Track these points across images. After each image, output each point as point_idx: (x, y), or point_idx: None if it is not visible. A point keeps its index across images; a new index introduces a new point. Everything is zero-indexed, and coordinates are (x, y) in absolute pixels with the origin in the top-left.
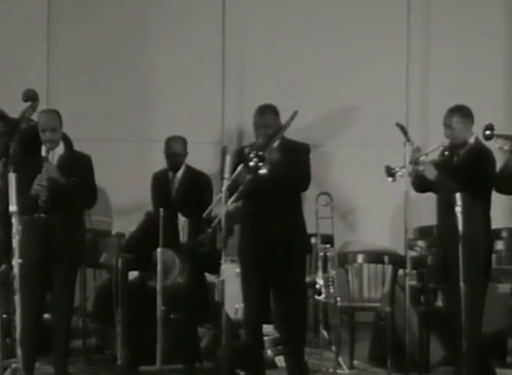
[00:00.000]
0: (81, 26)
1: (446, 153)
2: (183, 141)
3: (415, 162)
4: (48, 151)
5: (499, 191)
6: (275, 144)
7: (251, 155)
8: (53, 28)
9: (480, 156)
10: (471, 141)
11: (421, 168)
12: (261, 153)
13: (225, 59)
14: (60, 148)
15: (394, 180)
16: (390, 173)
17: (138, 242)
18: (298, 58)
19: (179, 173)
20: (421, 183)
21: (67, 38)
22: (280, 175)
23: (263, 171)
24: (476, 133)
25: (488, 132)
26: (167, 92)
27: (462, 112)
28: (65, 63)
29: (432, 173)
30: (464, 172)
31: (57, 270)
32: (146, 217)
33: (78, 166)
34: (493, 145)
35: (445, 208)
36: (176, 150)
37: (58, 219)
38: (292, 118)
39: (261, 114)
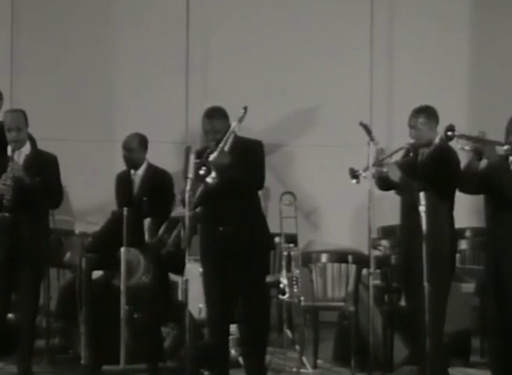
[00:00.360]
0: (44, 26)
1: (411, 154)
2: (139, 137)
3: (379, 164)
4: (13, 151)
5: (463, 190)
6: (227, 146)
7: (198, 166)
8: (16, 29)
9: (444, 156)
10: (436, 141)
11: (385, 169)
12: (207, 164)
13: (189, 59)
14: (26, 148)
15: (358, 182)
16: (354, 175)
17: (103, 241)
18: (262, 58)
19: (140, 171)
20: (384, 184)
21: (30, 38)
22: (232, 178)
23: (209, 181)
24: (441, 133)
25: (449, 133)
26: (130, 92)
27: (427, 113)
28: (28, 63)
29: (396, 175)
30: (429, 171)
31: (22, 270)
32: (112, 216)
33: (44, 166)
34: (457, 145)
35: (408, 208)
36: (129, 145)
37: (23, 219)
38: (243, 114)
39: (209, 119)
